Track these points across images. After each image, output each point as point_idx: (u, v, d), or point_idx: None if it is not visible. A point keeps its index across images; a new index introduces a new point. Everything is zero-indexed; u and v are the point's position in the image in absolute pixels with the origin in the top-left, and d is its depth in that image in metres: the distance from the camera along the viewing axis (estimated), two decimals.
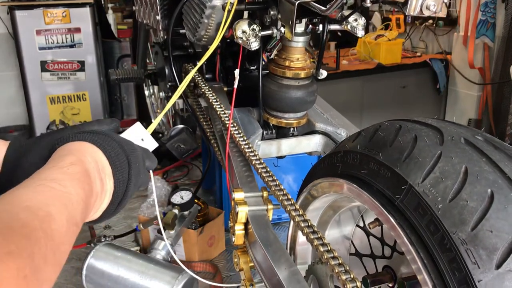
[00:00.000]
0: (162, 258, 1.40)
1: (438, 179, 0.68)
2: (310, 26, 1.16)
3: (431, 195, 0.67)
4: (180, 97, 1.73)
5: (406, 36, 4.40)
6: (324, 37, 1.16)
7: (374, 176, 0.78)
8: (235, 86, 1.19)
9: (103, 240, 1.62)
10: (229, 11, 1.14)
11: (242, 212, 0.97)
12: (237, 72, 1.18)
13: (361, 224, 1.09)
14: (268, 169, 1.02)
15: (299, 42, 1.19)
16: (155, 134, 2.74)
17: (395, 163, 0.74)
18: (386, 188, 0.75)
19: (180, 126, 2.17)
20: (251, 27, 1.14)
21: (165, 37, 1.72)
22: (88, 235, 1.93)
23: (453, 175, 0.68)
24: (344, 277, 0.71)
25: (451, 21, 4.01)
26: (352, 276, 0.71)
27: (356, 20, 1.13)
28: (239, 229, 0.99)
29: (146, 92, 2.82)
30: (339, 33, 4.05)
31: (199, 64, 1.12)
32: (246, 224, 0.99)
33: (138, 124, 0.91)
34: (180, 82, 1.66)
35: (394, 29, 4.15)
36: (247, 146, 1.12)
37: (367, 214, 1.08)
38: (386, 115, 3.78)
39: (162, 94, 1.87)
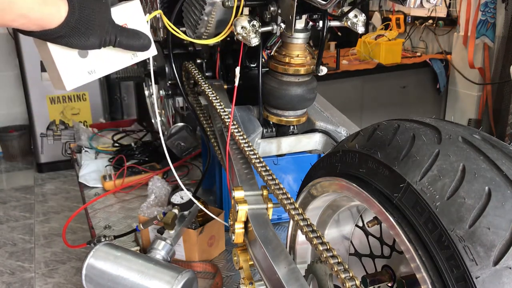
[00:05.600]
0: (162, 258, 1.40)
1: (436, 177, 0.69)
2: (310, 22, 1.16)
3: (429, 193, 0.68)
4: (180, 95, 1.73)
5: (406, 36, 4.40)
6: (324, 33, 1.16)
7: (373, 175, 0.78)
8: (236, 84, 1.19)
9: (103, 240, 1.61)
10: (237, 7, 1.14)
11: (242, 210, 0.97)
12: (238, 69, 1.18)
13: (360, 224, 1.09)
14: (268, 168, 1.02)
15: (299, 39, 1.19)
16: (154, 134, 2.75)
17: (393, 162, 0.75)
18: (385, 186, 0.75)
19: (180, 124, 2.17)
20: (251, 23, 1.14)
21: (165, 36, 1.72)
22: (88, 235, 1.93)
23: (450, 173, 0.68)
24: (343, 275, 0.71)
25: (451, 21, 4.02)
26: (351, 275, 0.71)
27: (356, 16, 1.13)
28: (238, 227, 0.99)
29: (146, 92, 2.82)
30: (339, 33, 4.06)
31: None
32: (246, 222, 0.99)
33: (137, 2, 0.88)
34: (181, 80, 1.66)
35: (394, 29, 4.16)
36: (246, 145, 1.12)
37: (366, 214, 1.08)
38: (386, 115, 3.79)
39: (162, 92, 1.87)
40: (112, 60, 0.86)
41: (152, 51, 0.90)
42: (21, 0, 0.67)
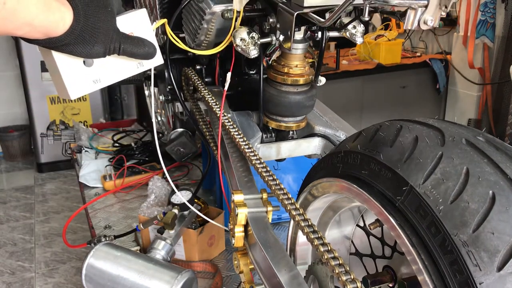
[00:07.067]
0: (162, 258, 1.40)
1: (439, 180, 0.68)
2: (309, 32, 1.16)
3: (432, 196, 0.67)
4: (179, 100, 1.73)
5: (406, 36, 4.40)
6: (323, 44, 1.16)
7: (375, 176, 0.78)
8: (226, 88, 1.22)
9: (103, 240, 1.61)
10: (236, 19, 1.14)
11: (242, 214, 0.97)
12: (229, 75, 1.20)
13: (361, 224, 1.09)
14: (268, 169, 1.02)
15: (298, 49, 1.18)
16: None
17: (396, 164, 0.74)
18: (387, 189, 0.75)
19: (180, 129, 2.18)
20: (250, 35, 1.14)
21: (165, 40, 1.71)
22: (88, 235, 1.94)
23: (454, 176, 0.67)
24: (344, 278, 0.70)
25: (451, 21, 4.01)
26: (352, 277, 0.70)
27: (354, 27, 1.12)
28: (238, 231, 0.99)
29: (146, 92, 2.82)
30: None
31: None
32: (245, 226, 0.99)
33: (144, 11, 0.88)
34: (178, 86, 1.66)
35: (394, 29, 4.15)
36: (247, 147, 1.11)
37: (367, 214, 1.08)
38: (386, 115, 3.79)
39: (162, 97, 1.86)
40: (117, 69, 0.85)
41: (158, 60, 0.89)
42: (25, 8, 0.66)
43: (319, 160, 1.03)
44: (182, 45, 1.12)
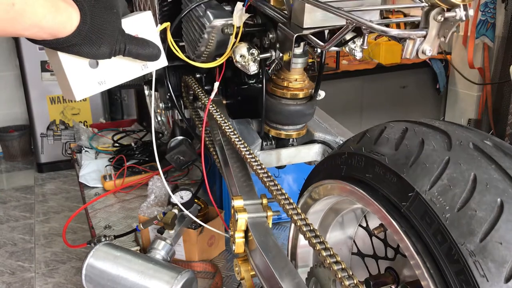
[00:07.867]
0: (162, 258, 1.40)
1: (446, 186, 0.66)
2: (308, 47, 1.17)
3: (438, 203, 0.65)
4: (177, 109, 1.74)
5: None
6: (323, 61, 1.16)
7: (380, 180, 0.76)
8: (212, 96, 1.26)
9: (103, 240, 1.61)
10: (236, 34, 1.14)
11: (242, 219, 0.96)
12: (216, 84, 1.22)
13: (364, 224, 1.08)
14: (270, 174, 1.02)
15: (298, 64, 1.18)
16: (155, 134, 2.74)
17: (401, 169, 0.72)
18: (392, 193, 0.73)
19: (179, 137, 2.18)
20: (250, 51, 1.13)
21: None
22: (88, 235, 1.94)
23: (461, 183, 0.65)
24: (347, 282, 0.70)
25: None
26: (355, 282, 0.69)
27: (354, 42, 1.12)
28: (239, 237, 0.98)
29: (146, 92, 2.82)
30: None
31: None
32: (246, 232, 0.99)
33: (149, 13, 0.88)
34: (179, 93, 1.66)
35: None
36: (248, 153, 1.11)
37: (370, 214, 1.07)
38: (386, 115, 3.78)
39: (162, 105, 1.85)
40: (122, 70, 0.85)
41: (163, 61, 0.90)
42: (33, 9, 0.66)
43: (321, 161, 1.02)
44: (182, 56, 1.11)
